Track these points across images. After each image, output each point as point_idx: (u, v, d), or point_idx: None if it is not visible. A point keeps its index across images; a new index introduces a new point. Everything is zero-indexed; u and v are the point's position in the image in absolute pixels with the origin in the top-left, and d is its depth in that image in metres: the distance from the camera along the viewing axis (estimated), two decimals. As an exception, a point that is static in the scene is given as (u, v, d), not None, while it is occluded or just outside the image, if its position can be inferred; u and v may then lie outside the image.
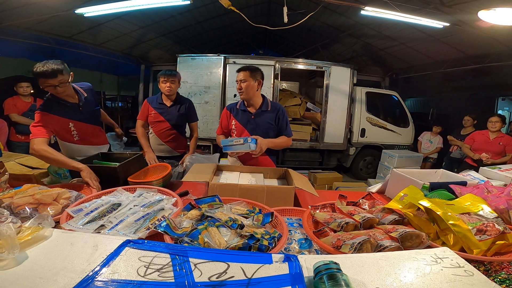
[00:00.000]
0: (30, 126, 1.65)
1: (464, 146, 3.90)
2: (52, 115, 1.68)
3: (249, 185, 1.35)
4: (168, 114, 2.39)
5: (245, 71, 1.93)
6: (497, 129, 3.58)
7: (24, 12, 3.82)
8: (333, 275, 0.58)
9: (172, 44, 7.05)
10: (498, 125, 3.57)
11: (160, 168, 1.74)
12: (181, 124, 2.50)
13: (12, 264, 0.62)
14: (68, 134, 1.79)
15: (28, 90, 3.54)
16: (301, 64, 5.27)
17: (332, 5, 4.64)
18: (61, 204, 1.09)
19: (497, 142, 3.55)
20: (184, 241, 0.83)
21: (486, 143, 3.62)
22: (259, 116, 2.00)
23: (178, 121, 2.43)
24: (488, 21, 2.81)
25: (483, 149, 3.60)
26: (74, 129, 1.79)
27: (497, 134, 3.60)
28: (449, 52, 5.51)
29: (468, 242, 0.88)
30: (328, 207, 1.26)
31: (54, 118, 1.68)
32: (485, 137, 3.66)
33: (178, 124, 2.44)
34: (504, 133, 3.71)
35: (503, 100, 6.40)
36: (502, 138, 3.59)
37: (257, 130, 1.98)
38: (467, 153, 3.77)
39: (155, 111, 2.39)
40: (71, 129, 1.78)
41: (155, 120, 2.41)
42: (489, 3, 2.93)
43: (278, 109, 2.04)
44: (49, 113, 1.67)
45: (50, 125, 1.65)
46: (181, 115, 2.43)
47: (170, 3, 3.75)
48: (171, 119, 2.39)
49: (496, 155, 3.53)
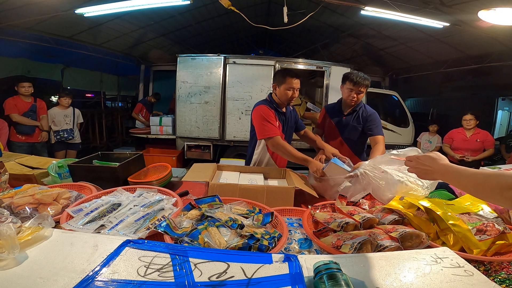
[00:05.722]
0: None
1: (444, 145, 3.96)
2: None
3: (249, 185, 1.35)
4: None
5: (299, 79, 1.86)
6: (472, 126, 3.66)
7: (24, 12, 3.81)
8: (333, 275, 0.58)
9: (172, 44, 7.04)
10: (473, 122, 3.65)
11: (160, 168, 1.74)
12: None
13: (12, 264, 0.62)
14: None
15: (29, 90, 3.54)
16: (301, 64, 5.26)
17: (332, 5, 4.64)
18: (61, 204, 1.09)
19: (475, 139, 3.64)
20: (184, 241, 0.83)
21: (464, 141, 3.70)
22: (287, 114, 2.01)
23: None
24: (488, 21, 2.80)
25: (462, 147, 3.69)
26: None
27: (473, 131, 3.68)
28: (449, 52, 5.51)
29: (468, 242, 0.88)
30: (328, 207, 1.26)
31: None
32: (462, 135, 3.74)
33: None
34: (480, 129, 3.76)
35: (503, 100, 6.40)
36: (479, 134, 3.67)
37: (288, 128, 2.02)
38: (447, 152, 3.82)
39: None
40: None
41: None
42: (489, 3, 2.93)
43: (293, 106, 2.10)
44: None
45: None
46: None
47: (170, 3, 3.74)
48: None
49: (475, 152, 3.63)
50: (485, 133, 3.71)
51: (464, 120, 3.70)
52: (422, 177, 0.90)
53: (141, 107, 5.94)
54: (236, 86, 4.93)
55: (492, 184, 0.68)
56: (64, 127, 3.94)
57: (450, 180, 0.81)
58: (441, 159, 0.85)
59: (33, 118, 3.62)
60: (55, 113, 3.91)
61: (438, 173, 0.83)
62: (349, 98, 1.98)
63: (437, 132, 5.14)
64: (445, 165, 0.82)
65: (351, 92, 1.95)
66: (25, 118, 3.52)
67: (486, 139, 3.62)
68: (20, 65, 5.05)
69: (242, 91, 4.92)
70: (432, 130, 5.15)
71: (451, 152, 3.77)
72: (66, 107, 4.00)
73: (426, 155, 0.88)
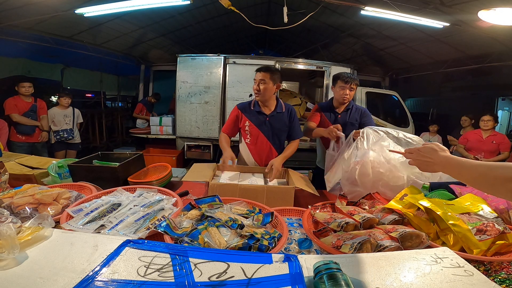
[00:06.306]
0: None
1: (458, 146, 3.91)
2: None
3: (249, 185, 1.35)
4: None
5: (266, 72, 1.84)
6: (490, 127, 3.58)
7: (24, 12, 3.81)
8: (333, 275, 0.58)
9: (172, 44, 7.04)
10: (491, 123, 3.57)
11: (160, 168, 1.74)
12: None
13: (12, 264, 0.62)
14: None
15: (30, 90, 3.54)
16: (301, 64, 5.26)
17: (332, 5, 4.63)
18: (61, 204, 1.09)
19: (490, 141, 3.56)
20: (184, 241, 0.83)
21: (479, 142, 3.63)
22: (274, 118, 1.97)
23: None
24: (488, 21, 2.80)
25: (477, 148, 3.61)
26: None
27: (490, 133, 3.61)
28: (449, 52, 5.50)
29: (468, 242, 0.88)
30: (328, 207, 1.26)
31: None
32: (478, 136, 3.66)
33: None
34: (497, 132, 3.71)
35: (503, 100, 6.40)
36: (495, 136, 3.59)
37: (272, 132, 1.98)
38: (461, 153, 3.79)
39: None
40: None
41: None
42: (489, 3, 2.93)
43: (290, 110, 2.03)
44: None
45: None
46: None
47: (170, 3, 3.74)
48: None
49: (490, 154, 3.55)
50: (502, 135, 3.62)
51: (482, 121, 3.61)
52: (423, 169, 0.90)
53: (142, 107, 5.94)
54: (236, 86, 4.93)
55: (494, 176, 0.67)
56: (64, 127, 3.94)
57: (451, 171, 0.79)
58: (442, 150, 0.84)
59: (33, 118, 3.62)
60: (55, 113, 3.91)
61: (439, 164, 0.82)
62: (342, 95, 2.09)
63: (437, 132, 5.14)
64: (446, 157, 0.81)
65: (343, 89, 2.07)
66: (25, 118, 3.52)
67: (503, 142, 3.51)
68: (20, 65, 5.05)
69: (242, 91, 4.92)
70: (432, 130, 5.15)
71: (464, 153, 3.69)
72: (66, 107, 4.00)
73: (427, 146, 0.87)
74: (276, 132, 1.98)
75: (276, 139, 2.00)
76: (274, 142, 2.00)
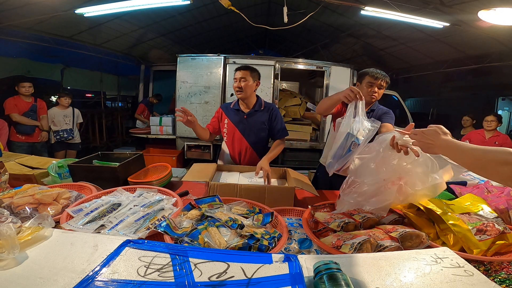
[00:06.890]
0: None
1: None
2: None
3: (249, 185, 1.35)
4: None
5: (246, 70, 1.92)
6: (493, 128, 3.58)
7: (24, 12, 3.81)
8: (333, 275, 0.58)
9: (172, 44, 7.04)
10: (494, 124, 3.57)
11: (160, 168, 1.74)
12: None
13: (12, 264, 0.62)
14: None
15: (30, 90, 3.54)
16: (301, 64, 5.26)
17: (332, 5, 4.64)
18: (61, 204, 1.09)
19: (493, 142, 3.55)
20: (184, 241, 0.83)
21: (482, 142, 3.61)
22: (251, 116, 1.99)
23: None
24: (488, 21, 2.81)
25: None
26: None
27: (493, 133, 3.60)
28: (449, 52, 5.50)
29: (468, 242, 0.88)
30: (328, 207, 1.26)
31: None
32: (481, 137, 3.66)
33: None
34: (500, 132, 3.71)
35: (503, 100, 6.41)
36: (498, 137, 3.59)
37: (249, 130, 1.98)
38: None
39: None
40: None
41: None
42: (489, 3, 2.93)
43: (271, 109, 2.02)
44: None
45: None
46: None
47: (170, 3, 3.74)
48: None
49: None
50: (505, 136, 3.62)
51: (485, 121, 3.61)
52: (425, 150, 0.92)
53: (144, 108, 5.95)
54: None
55: (489, 159, 0.70)
56: (64, 127, 3.94)
57: (450, 154, 0.82)
58: (444, 134, 0.85)
59: (33, 118, 3.62)
60: (55, 113, 3.91)
61: (439, 147, 0.84)
62: (370, 93, 1.78)
63: None
64: (447, 140, 0.83)
65: (371, 87, 1.77)
66: (25, 118, 3.52)
67: (505, 143, 3.51)
68: (20, 65, 5.04)
69: (242, 91, 4.92)
70: None
71: None
72: (66, 107, 4.00)
73: (431, 129, 0.89)
74: (253, 130, 1.98)
75: (252, 137, 1.99)
76: (250, 139, 2.00)
